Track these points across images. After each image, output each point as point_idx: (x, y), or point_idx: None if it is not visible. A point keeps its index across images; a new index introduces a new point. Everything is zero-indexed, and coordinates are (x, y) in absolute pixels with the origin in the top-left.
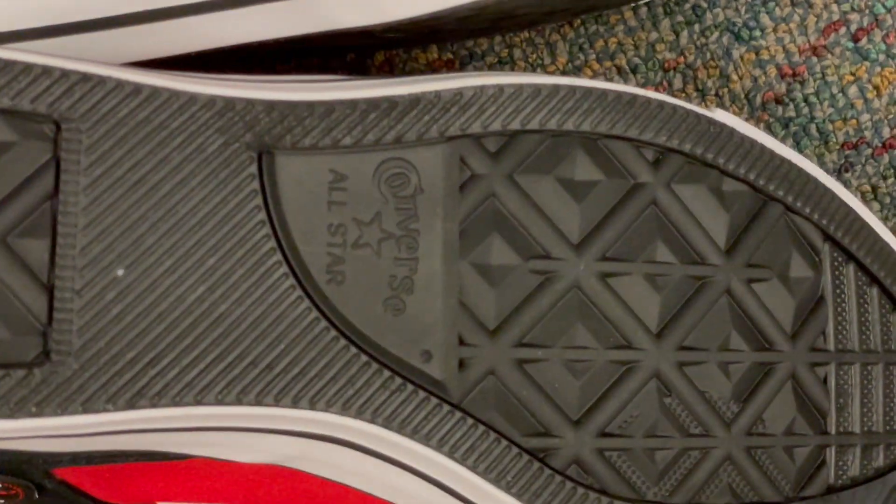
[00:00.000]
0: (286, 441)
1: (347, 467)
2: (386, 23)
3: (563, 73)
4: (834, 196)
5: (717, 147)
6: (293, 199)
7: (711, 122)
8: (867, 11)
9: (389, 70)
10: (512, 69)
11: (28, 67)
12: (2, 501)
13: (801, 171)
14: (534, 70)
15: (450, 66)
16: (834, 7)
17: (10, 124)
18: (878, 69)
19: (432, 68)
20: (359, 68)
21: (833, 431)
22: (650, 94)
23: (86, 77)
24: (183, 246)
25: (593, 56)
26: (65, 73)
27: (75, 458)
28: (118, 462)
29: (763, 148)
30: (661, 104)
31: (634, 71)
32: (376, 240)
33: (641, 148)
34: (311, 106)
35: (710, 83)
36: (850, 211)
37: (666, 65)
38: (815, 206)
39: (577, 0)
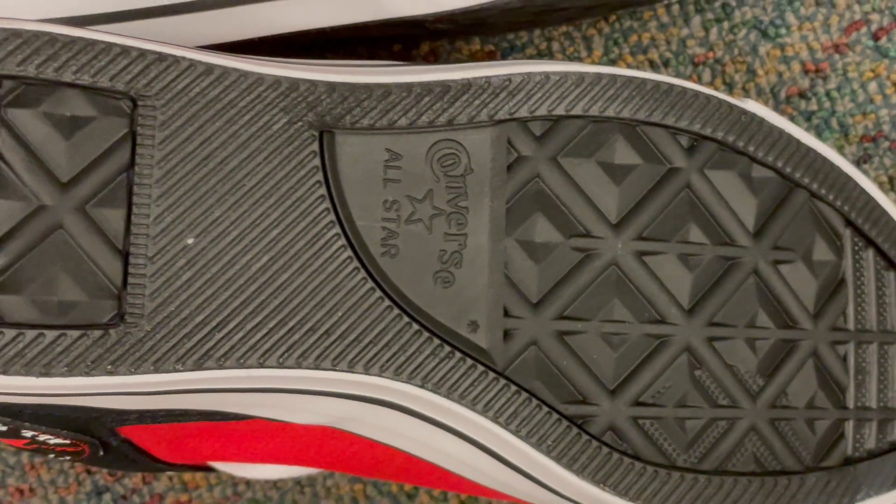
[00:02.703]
0: (340, 404)
1: (397, 430)
2: (439, 12)
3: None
4: (856, 185)
5: (747, 135)
6: (351, 175)
7: (743, 111)
8: (887, 12)
9: (434, 60)
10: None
11: (108, 47)
12: (68, 457)
13: (825, 160)
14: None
15: (491, 58)
16: (856, 7)
17: (90, 100)
18: None
19: (475, 59)
20: (404, 59)
21: (851, 406)
22: (686, 84)
23: (161, 57)
24: (248, 217)
25: (627, 50)
26: (142, 53)
27: (141, 416)
28: (181, 421)
29: (790, 137)
30: (696, 94)
31: (666, 65)
32: (428, 216)
33: (677, 135)
34: (369, 88)
35: (737, 77)
36: (870, 199)
37: (696, 60)
38: (838, 194)
39: None
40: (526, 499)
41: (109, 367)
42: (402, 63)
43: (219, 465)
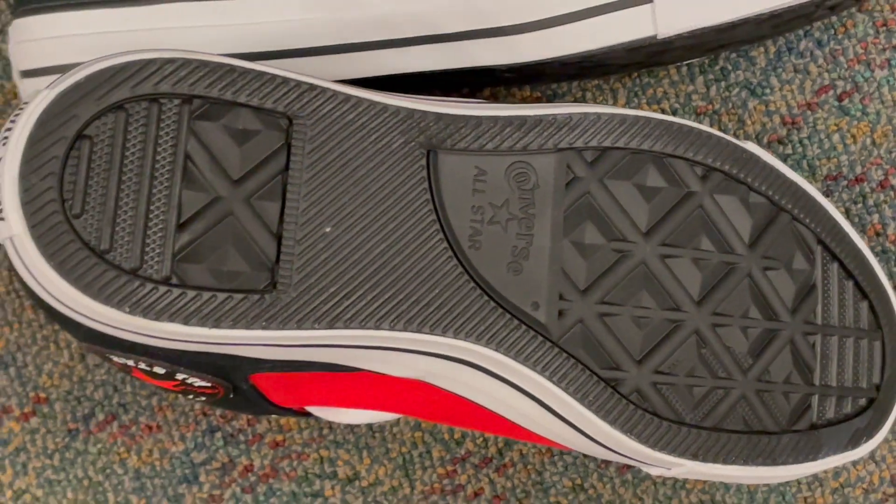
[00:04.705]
0: (430, 361)
1: (472, 384)
2: (516, 63)
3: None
4: (826, 212)
5: (747, 169)
6: (449, 185)
7: (744, 150)
8: (850, 79)
9: (493, 102)
10: None
11: (273, 78)
12: (203, 398)
13: (804, 191)
14: None
15: (538, 102)
16: (825, 75)
17: (257, 117)
18: (856, 123)
19: (525, 102)
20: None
21: (817, 384)
22: (702, 126)
23: (312, 87)
24: (372, 213)
25: (644, 100)
26: (297, 84)
27: (274, 366)
28: (303, 371)
29: (779, 173)
30: (710, 135)
31: (674, 113)
32: (505, 219)
33: (694, 166)
34: (465, 119)
35: (730, 126)
36: (836, 223)
37: (698, 110)
38: (813, 218)
39: (646, 57)
40: (564, 443)
41: (264, 323)
42: (485, 101)
43: (314, 410)
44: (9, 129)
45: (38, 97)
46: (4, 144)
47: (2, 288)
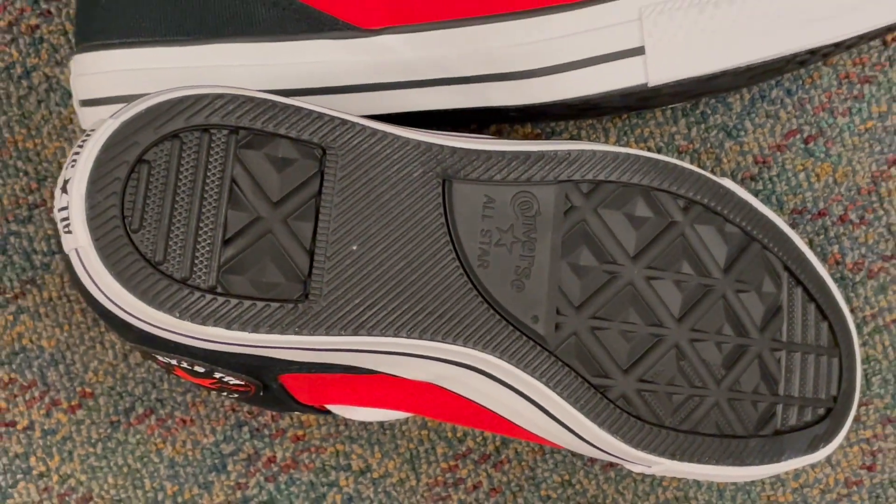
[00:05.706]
0: (442, 366)
1: (477, 388)
2: (524, 104)
3: (628, 147)
4: (792, 242)
5: (723, 202)
6: (461, 211)
7: (721, 185)
8: (815, 125)
9: (499, 137)
10: None
11: (309, 113)
12: (236, 395)
13: (773, 223)
14: None
15: (538, 139)
16: (794, 120)
17: (295, 147)
18: (820, 163)
19: (526, 139)
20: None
21: (781, 394)
22: (685, 164)
23: (343, 122)
24: (393, 234)
25: (633, 139)
26: (331, 118)
27: (302, 367)
28: (327, 372)
29: (751, 206)
30: (691, 171)
31: (659, 151)
32: (509, 242)
33: (676, 198)
34: (477, 153)
35: (708, 163)
36: (801, 252)
37: (680, 149)
38: (780, 247)
39: (636, 101)
40: (556, 441)
41: (297, 329)
42: (493, 136)
43: (333, 408)
44: (77, 153)
45: (103, 125)
46: (73, 166)
47: (54, 293)
